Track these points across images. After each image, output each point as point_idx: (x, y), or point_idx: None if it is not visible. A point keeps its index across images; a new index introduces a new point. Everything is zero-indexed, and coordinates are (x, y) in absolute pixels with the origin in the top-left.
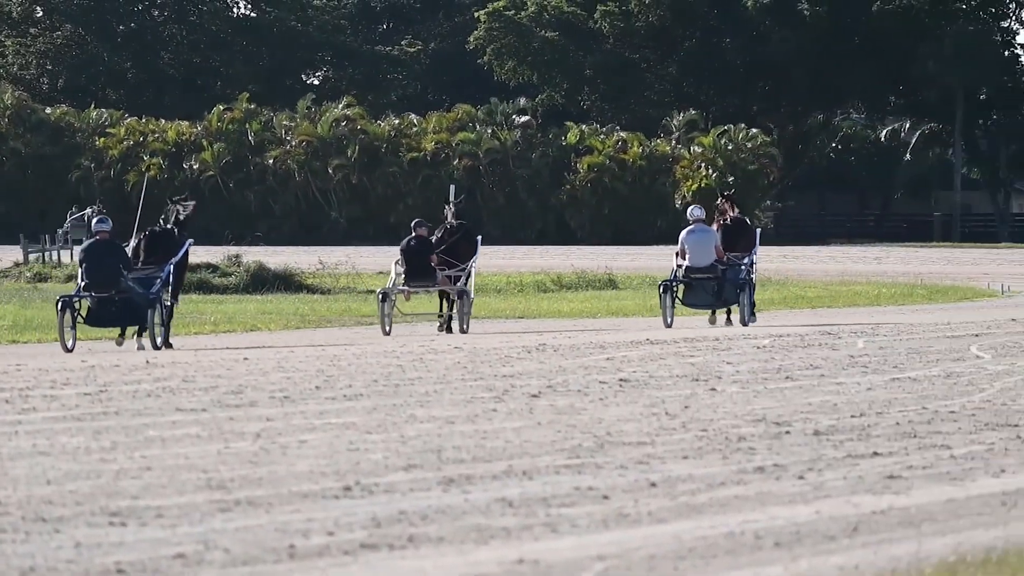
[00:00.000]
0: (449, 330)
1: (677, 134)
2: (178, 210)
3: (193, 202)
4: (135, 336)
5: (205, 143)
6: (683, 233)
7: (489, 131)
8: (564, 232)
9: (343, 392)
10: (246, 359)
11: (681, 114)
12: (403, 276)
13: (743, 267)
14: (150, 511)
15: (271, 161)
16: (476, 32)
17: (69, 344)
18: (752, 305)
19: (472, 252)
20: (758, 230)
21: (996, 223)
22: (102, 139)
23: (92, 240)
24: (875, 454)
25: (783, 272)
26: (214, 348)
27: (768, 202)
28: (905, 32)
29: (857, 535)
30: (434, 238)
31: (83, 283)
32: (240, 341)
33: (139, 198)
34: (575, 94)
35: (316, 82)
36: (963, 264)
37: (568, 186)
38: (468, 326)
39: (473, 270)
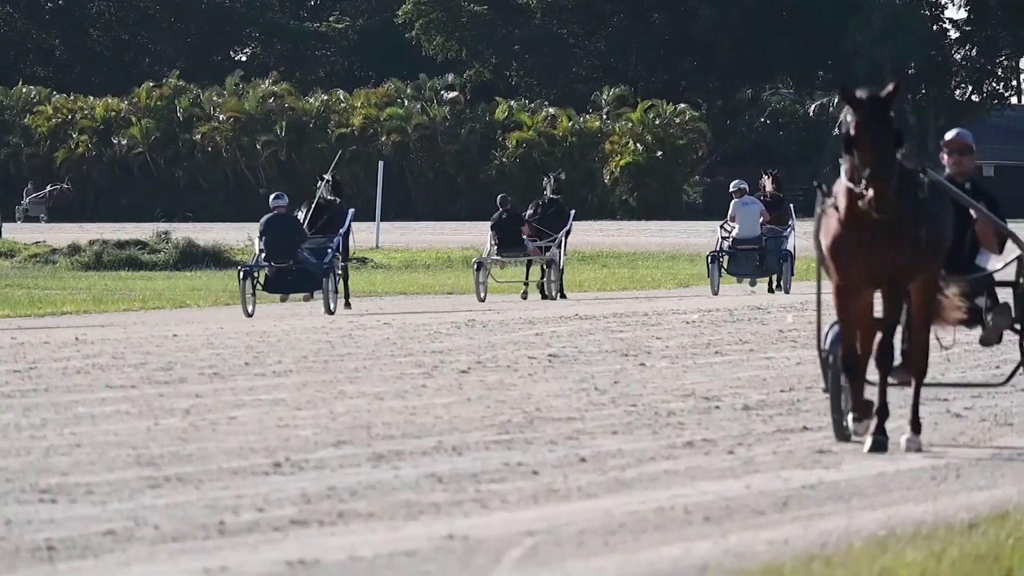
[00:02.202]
0: (543, 296)
1: (606, 109)
2: (327, 183)
3: (327, 177)
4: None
5: (134, 120)
6: (734, 202)
7: (418, 107)
8: (494, 207)
9: (272, 368)
10: (175, 336)
11: (610, 89)
12: (496, 247)
13: (784, 238)
14: (80, 488)
15: (199, 137)
16: (404, 7)
17: (250, 310)
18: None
19: (563, 225)
20: (791, 206)
21: None
22: (30, 117)
23: (271, 214)
24: (805, 428)
25: (712, 247)
26: (143, 324)
27: (697, 177)
28: (833, 6)
29: (787, 510)
30: (528, 212)
31: (262, 254)
32: (169, 318)
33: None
34: (503, 69)
35: (244, 59)
36: None
37: (497, 162)
38: (557, 293)
39: (564, 241)
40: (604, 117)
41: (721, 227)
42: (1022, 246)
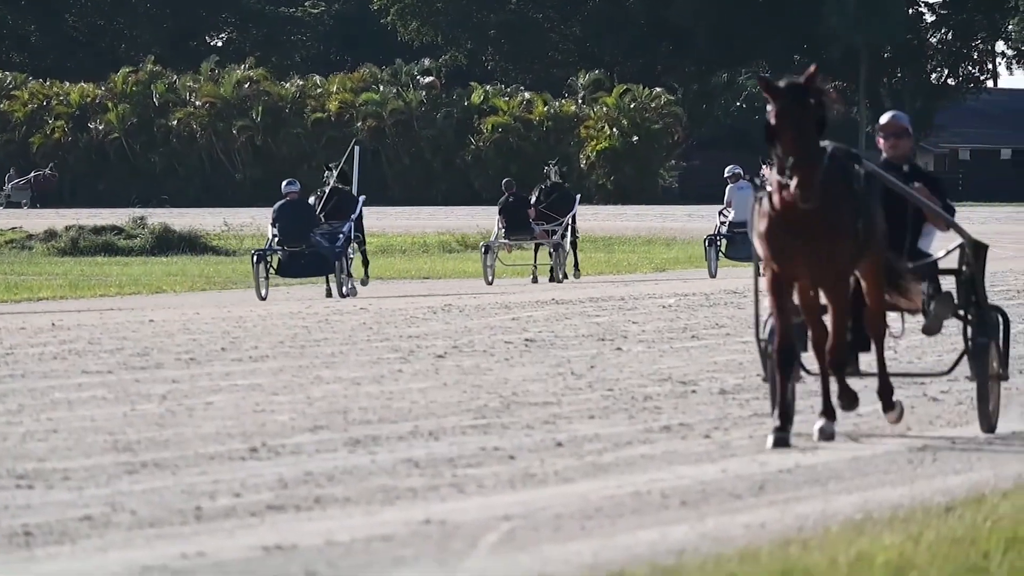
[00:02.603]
0: (551, 279)
1: (582, 94)
2: (331, 171)
3: (333, 164)
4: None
5: (110, 105)
6: (730, 187)
7: (393, 92)
8: (470, 192)
9: (249, 354)
10: (152, 321)
11: (586, 74)
12: (503, 231)
13: None
14: (56, 474)
15: (175, 123)
16: None
17: (263, 293)
18: None
19: (568, 209)
20: None
21: None
22: (6, 102)
23: (284, 200)
24: None
25: (688, 231)
26: (119, 310)
27: (673, 161)
28: None
29: (764, 493)
30: (533, 196)
31: (275, 238)
32: (145, 303)
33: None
34: (479, 54)
35: (220, 44)
36: None
37: (473, 146)
38: (562, 276)
39: (573, 225)
40: (580, 102)
41: (720, 213)
42: (964, 234)
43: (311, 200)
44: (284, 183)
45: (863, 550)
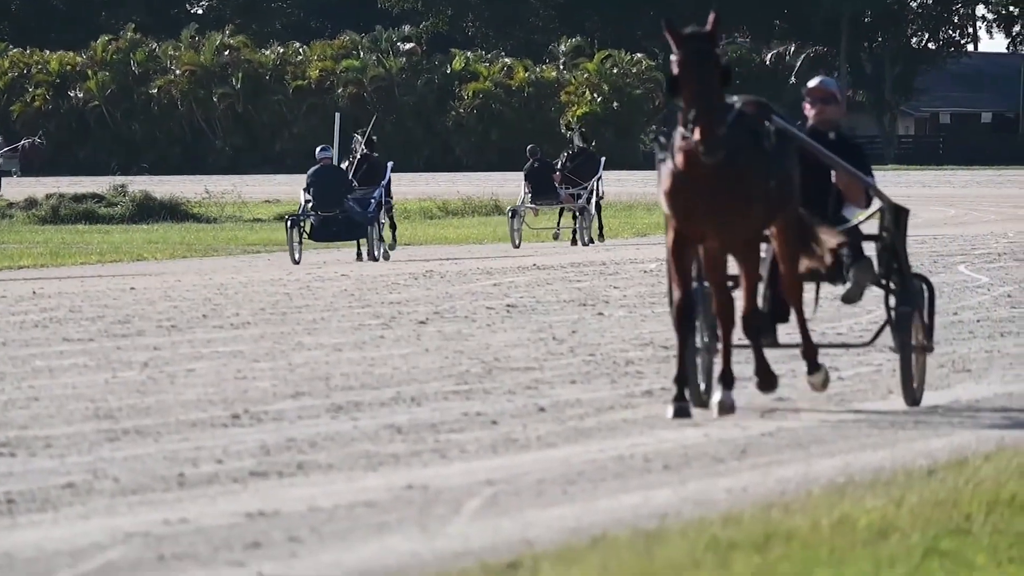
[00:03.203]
0: (573, 243)
1: (563, 60)
2: (358, 139)
3: (361, 131)
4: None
5: (90, 73)
6: None
7: (374, 58)
8: (450, 158)
9: (230, 321)
10: (133, 289)
11: (567, 40)
12: (529, 196)
13: None
14: (39, 441)
15: (156, 91)
16: None
17: (296, 257)
18: None
19: (593, 173)
20: None
21: (882, 145)
22: None
23: (318, 166)
24: None
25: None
26: (100, 278)
27: (653, 127)
28: None
29: (746, 457)
30: (559, 162)
31: (309, 203)
32: (126, 271)
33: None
34: (459, 21)
35: (200, 12)
36: None
37: (454, 112)
38: (588, 239)
39: (599, 187)
40: (560, 67)
41: None
42: (884, 198)
43: (344, 166)
44: (318, 149)
45: (845, 513)
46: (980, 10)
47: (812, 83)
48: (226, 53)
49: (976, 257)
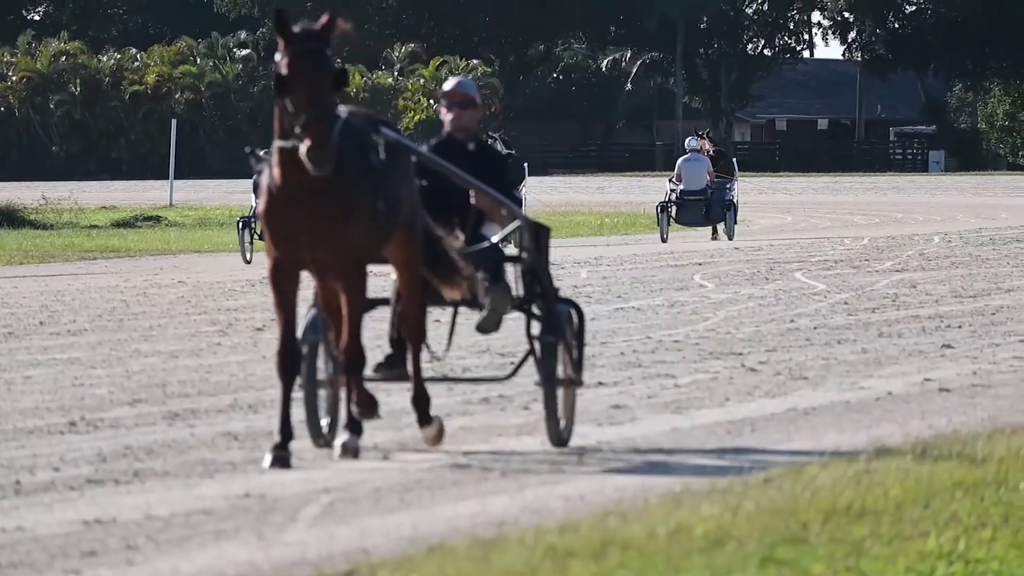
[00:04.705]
0: None
1: (399, 66)
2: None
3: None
4: None
5: None
6: (680, 160)
7: (210, 64)
8: None
9: (67, 327)
10: None
11: (402, 46)
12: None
13: (728, 190)
14: None
15: None
16: None
17: (248, 257)
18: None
19: (520, 179)
20: (735, 160)
21: None
22: None
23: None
24: (600, 384)
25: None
26: None
27: (490, 133)
28: None
29: (583, 465)
30: None
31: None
32: None
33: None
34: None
35: (37, 17)
36: None
37: None
38: None
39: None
40: (396, 74)
41: (669, 181)
42: (519, 216)
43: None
44: (263, 152)
45: (682, 521)
46: (816, 17)
47: (448, 85)
48: (63, 59)
49: (813, 264)
